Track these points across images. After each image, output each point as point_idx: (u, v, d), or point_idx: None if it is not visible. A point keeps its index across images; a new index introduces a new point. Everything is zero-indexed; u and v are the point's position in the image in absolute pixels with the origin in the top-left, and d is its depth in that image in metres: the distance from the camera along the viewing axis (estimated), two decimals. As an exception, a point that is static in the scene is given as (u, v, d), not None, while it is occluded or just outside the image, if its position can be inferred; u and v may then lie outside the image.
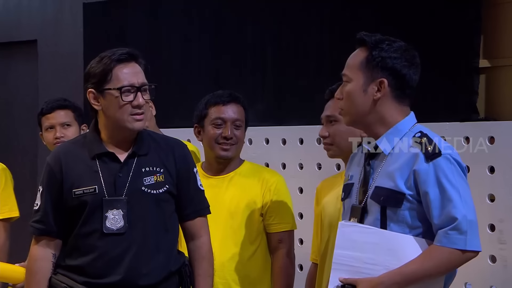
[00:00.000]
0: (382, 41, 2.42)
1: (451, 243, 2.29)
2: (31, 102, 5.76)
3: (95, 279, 2.64)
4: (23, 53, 5.91)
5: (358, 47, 2.46)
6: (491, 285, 3.38)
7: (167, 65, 4.87)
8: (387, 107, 2.42)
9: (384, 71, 2.40)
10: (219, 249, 3.12)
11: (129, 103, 2.64)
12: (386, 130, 2.42)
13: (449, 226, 2.29)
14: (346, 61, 2.48)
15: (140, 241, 2.65)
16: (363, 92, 2.41)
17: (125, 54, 2.66)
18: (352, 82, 2.42)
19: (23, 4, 5.83)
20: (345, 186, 2.55)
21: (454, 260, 2.31)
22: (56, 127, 3.51)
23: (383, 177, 2.40)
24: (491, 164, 3.41)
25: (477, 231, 2.32)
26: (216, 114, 3.21)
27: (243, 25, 4.55)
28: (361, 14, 4.03)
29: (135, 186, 2.67)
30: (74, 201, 2.67)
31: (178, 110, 4.54)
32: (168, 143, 2.80)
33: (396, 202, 2.35)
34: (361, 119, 2.44)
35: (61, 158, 2.72)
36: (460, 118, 3.57)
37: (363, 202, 2.42)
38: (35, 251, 2.72)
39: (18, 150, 5.89)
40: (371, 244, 2.36)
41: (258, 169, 3.31)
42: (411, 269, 2.31)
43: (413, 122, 2.45)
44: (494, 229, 3.40)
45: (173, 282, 2.73)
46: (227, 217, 3.19)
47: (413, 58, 2.44)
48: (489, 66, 3.69)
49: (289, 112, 4.20)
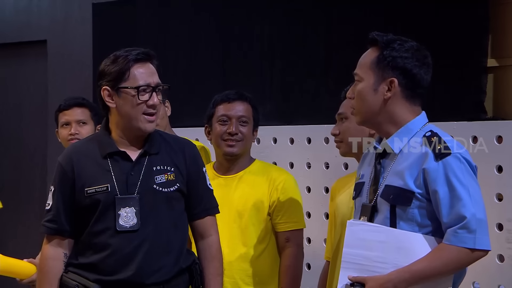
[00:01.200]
0: (394, 41, 2.43)
1: (460, 241, 2.29)
2: (41, 101, 5.78)
3: (107, 276, 2.66)
4: (33, 53, 5.93)
5: (370, 47, 2.47)
6: (499, 284, 3.38)
7: (175, 64, 4.88)
8: (397, 107, 2.43)
9: (395, 70, 2.41)
10: (228, 248, 3.13)
11: (144, 103, 2.67)
12: (396, 129, 2.43)
13: (458, 225, 2.30)
14: (359, 60, 2.49)
15: (152, 238, 2.67)
16: (374, 91, 2.42)
17: (142, 54, 2.70)
18: (363, 81, 2.43)
19: (33, 4, 5.85)
20: (356, 185, 2.56)
21: (463, 258, 2.31)
22: (71, 124, 3.56)
23: (393, 176, 2.41)
24: (499, 164, 3.41)
25: (487, 230, 2.33)
26: (222, 111, 3.24)
27: (251, 24, 4.56)
28: (370, 13, 4.03)
29: (147, 184, 2.70)
30: (86, 200, 2.69)
31: (186, 109, 4.55)
32: (179, 143, 2.84)
33: (406, 200, 2.36)
34: (372, 118, 2.45)
35: (72, 157, 2.75)
36: (467, 118, 3.57)
37: (373, 201, 2.43)
38: (47, 250, 2.75)
39: (28, 149, 5.91)
40: (380, 243, 2.37)
41: (267, 168, 3.31)
42: (420, 267, 2.32)
43: (424, 121, 2.46)
44: (502, 228, 3.39)
45: (183, 280, 2.75)
46: (235, 216, 3.20)
47: (425, 58, 2.45)
48: (497, 65, 3.68)
49: (297, 111, 4.21)
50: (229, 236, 3.17)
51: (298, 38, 4.32)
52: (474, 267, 3.24)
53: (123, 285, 2.66)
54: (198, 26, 4.82)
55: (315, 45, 4.19)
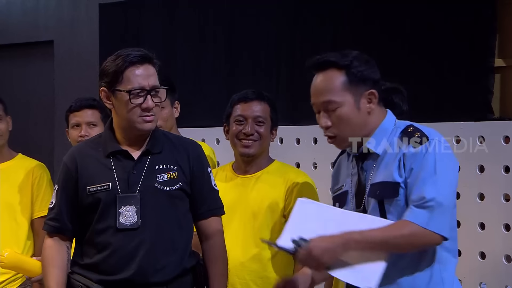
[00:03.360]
0: (347, 57, 2.44)
1: (414, 217, 2.29)
2: (48, 101, 5.80)
3: (109, 275, 2.66)
4: (40, 54, 5.95)
5: (320, 71, 2.46)
6: (506, 284, 3.37)
7: (182, 65, 4.89)
8: (375, 114, 2.46)
9: (366, 83, 2.43)
10: (240, 248, 3.12)
11: (138, 106, 2.66)
12: (372, 132, 2.45)
13: (417, 203, 2.31)
14: (317, 90, 2.46)
15: (154, 237, 2.67)
16: (357, 109, 2.43)
17: (138, 57, 2.68)
18: (343, 105, 2.43)
19: (40, 5, 5.87)
20: (338, 197, 2.55)
21: (416, 236, 2.29)
22: (82, 125, 3.56)
23: (377, 174, 2.42)
24: (506, 164, 3.40)
25: (445, 216, 2.31)
26: (239, 111, 3.21)
27: (257, 25, 4.56)
28: (376, 14, 4.03)
29: (148, 183, 2.69)
30: (88, 198, 2.70)
31: (193, 110, 4.56)
32: (183, 142, 2.83)
33: (392, 192, 2.37)
34: (358, 135, 2.46)
35: (76, 157, 2.76)
36: (475, 118, 3.56)
37: (361, 205, 2.44)
38: (49, 242, 2.76)
39: (35, 150, 5.92)
40: (326, 220, 2.39)
41: (285, 169, 3.26)
42: (373, 233, 2.31)
43: (393, 118, 2.49)
44: (509, 228, 3.39)
45: (187, 280, 2.74)
46: (250, 217, 3.18)
47: (370, 60, 2.48)
48: (504, 65, 3.67)
49: (303, 111, 4.21)
50: (243, 237, 3.15)
51: (304, 39, 4.32)
52: (481, 268, 3.24)
53: (126, 284, 2.65)
54: (205, 26, 4.83)
55: (322, 46, 4.19)
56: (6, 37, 6.05)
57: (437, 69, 3.84)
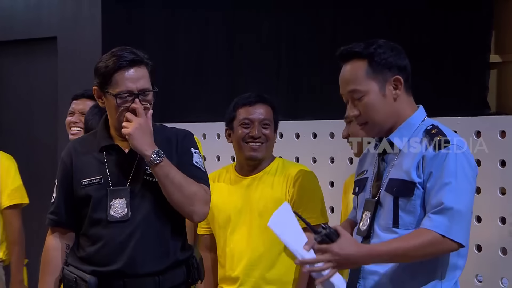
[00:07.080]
0: (371, 46, 2.47)
1: (433, 226, 2.31)
2: (51, 98, 5.83)
3: (101, 267, 2.72)
4: (42, 50, 5.98)
5: (346, 62, 2.49)
6: (502, 277, 3.40)
7: (184, 61, 4.92)
8: (403, 103, 2.48)
9: (392, 69, 2.46)
10: (248, 248, 3.17)
11: (126, 109, 2.71)
12: (399, 125, 2.47)
13: (435, 209, 2.33)
14: (343, 81, 2.50)
15: (144, 229, 2.72)
16: (383, 96, 2.46)
17: (128, 60, 2.70)
18: (369, 93, 2.46)
19: (43, 1, 5.90)
20: (359, 181, 2.59)
21: (435, 245, 2.31)
22: (75, 113, 3.63)
23: (396, 170, 2.45)
24: (502, 158, 3.44)
25: (465, 224, 2.33)
26: (244, 115, 3.23)
27: (258, 21, 4.60)
28: (375, 11, 4.06)
29: (138, 176, 2.75)
30: (82, 192, 2.77)
31: (194, 106, 4.60)
32: (171, 131, 2.86)
33: (408, 191, 2.39)
34: (386, 123, 2.48)
35: (71, 152, 2.84)
36: (471, 113, 3.59)
37: (376, 196, 2.47)
38: (50, 241, 2.85)
39: (38, 145, 5.96)
40: (296, 233, 2.42)
41: (286, 166, 3.30)
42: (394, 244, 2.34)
43: (423, 115, 2.51)
44: (505, 221, 3.42)
45: (180, 273, 2.79)
46: (256, 216, 3.21)
47: (397, 47, 2.50)
48: (500, 61, 3.71)
49: (303, 106, 4.25)
50: (249, 236, 3.19)
51: (305, 34, 4.36)
52: (477, 260, 3.27)
53: (118, 275, 2.70)
54: (207, 23, 4.86)
55: (321, 41, 4.23)
56: (9, 34, 6.08)
57: (434, 65, 3.87)
